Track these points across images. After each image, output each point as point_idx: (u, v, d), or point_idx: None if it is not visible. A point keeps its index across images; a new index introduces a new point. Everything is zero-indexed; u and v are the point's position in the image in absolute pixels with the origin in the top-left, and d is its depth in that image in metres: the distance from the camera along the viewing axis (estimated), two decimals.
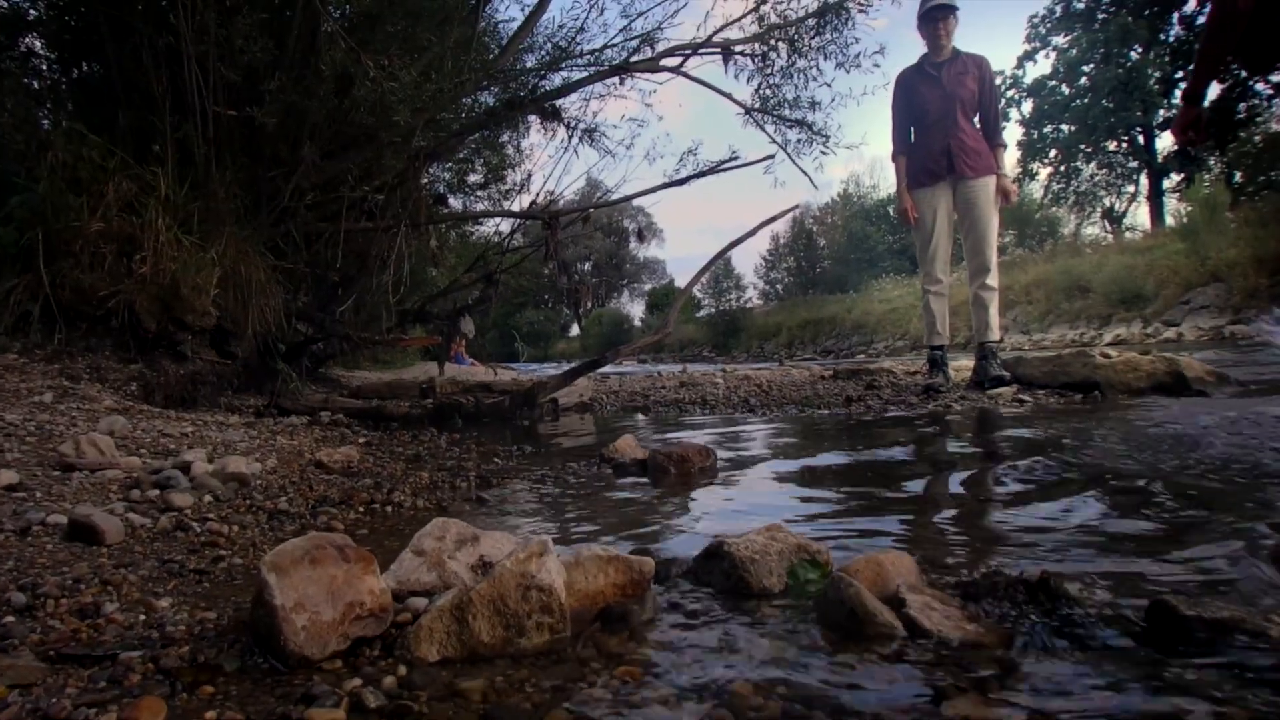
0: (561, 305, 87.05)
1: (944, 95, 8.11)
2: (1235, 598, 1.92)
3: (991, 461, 4.07)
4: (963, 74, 8.13)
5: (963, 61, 8.20)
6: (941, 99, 8.13)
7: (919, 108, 8.29)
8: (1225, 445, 4.02)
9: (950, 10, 8.07)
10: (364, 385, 8.95)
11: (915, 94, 8.31)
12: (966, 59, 8.22)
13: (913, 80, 8.35)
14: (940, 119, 8.15)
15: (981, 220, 7.97)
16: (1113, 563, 2.24)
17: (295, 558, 1.78)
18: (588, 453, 4.90)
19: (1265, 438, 4.14)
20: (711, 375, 12.31)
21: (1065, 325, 27.94)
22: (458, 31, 7.73)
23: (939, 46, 8.16)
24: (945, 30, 8.09)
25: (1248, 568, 2.12)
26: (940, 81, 8.14)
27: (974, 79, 8.15)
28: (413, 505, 3.44)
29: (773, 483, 3.75)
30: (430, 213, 8.83)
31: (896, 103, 8.51)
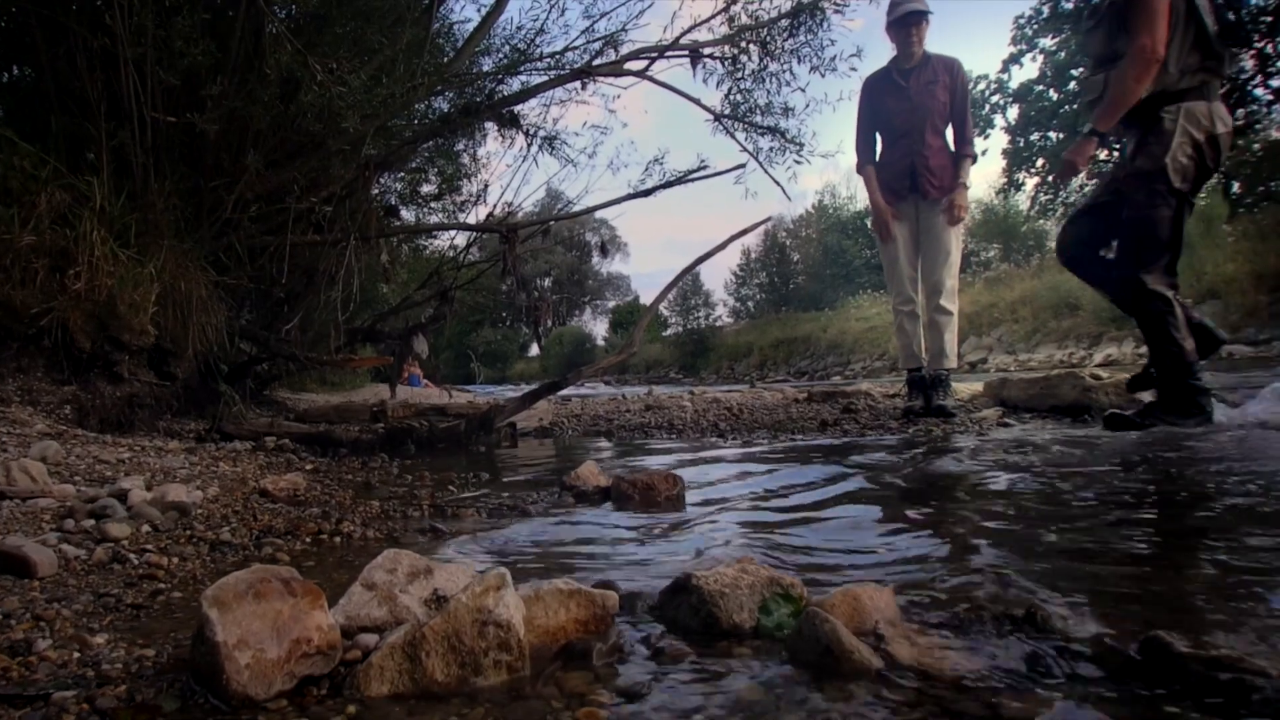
0: (520, 323, 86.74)
1: (911, 108, 8.19)
2: (1244, 632, 1.93)
3: (975, 488, 4.10)
4: (932, 83, 8.19)
5: (933, 68, 8.24)
6: (909, 112, 8.21)
7: (885, 119, 8.40)
8: (1222, 468, 4.06)
9: (922, 16, 8.11)
10: (311, 408, 8.92)
11: (881, 104, 8.40)
12: (937, 64, 8.26)
13: (880, 88, 8.44)
14: (906, 133, 8.25)
15: (940, 242, 8.11)
16: (1104, 594, 2.26)
17: (238, 592, 1.78)
18: (548, 480, 4.91)
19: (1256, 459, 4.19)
20: (679, 398, 12.33)
21: (1053, 345, 28.03)
22: (410, 33, 7.72)
23: (909, 53, 8.23)
24: (918, 36, 8.16)
25: (1244, 601, 2.14)
26: (908, 92, 8.22)
27: (944, 87, 8.21)
28: (362, 536, 3.44)
29: (744, 512, 3.76)
30: (381, 225, 8.83)
31: (862, 111, 8.60)
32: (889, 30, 8.35)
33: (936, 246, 8.16)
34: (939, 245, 8.14)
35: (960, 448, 5.75)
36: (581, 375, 8.18)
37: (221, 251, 7.58)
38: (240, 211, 7.43)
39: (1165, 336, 5.99)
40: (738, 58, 10.10)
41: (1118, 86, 5.72)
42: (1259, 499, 3.37)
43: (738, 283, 72.70)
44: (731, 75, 10.23)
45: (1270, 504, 3.26)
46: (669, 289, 8.49)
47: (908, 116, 8.24)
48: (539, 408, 8.47)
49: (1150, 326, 6.08)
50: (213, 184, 7.32)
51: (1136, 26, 5.63)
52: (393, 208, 10.32)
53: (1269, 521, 2.97)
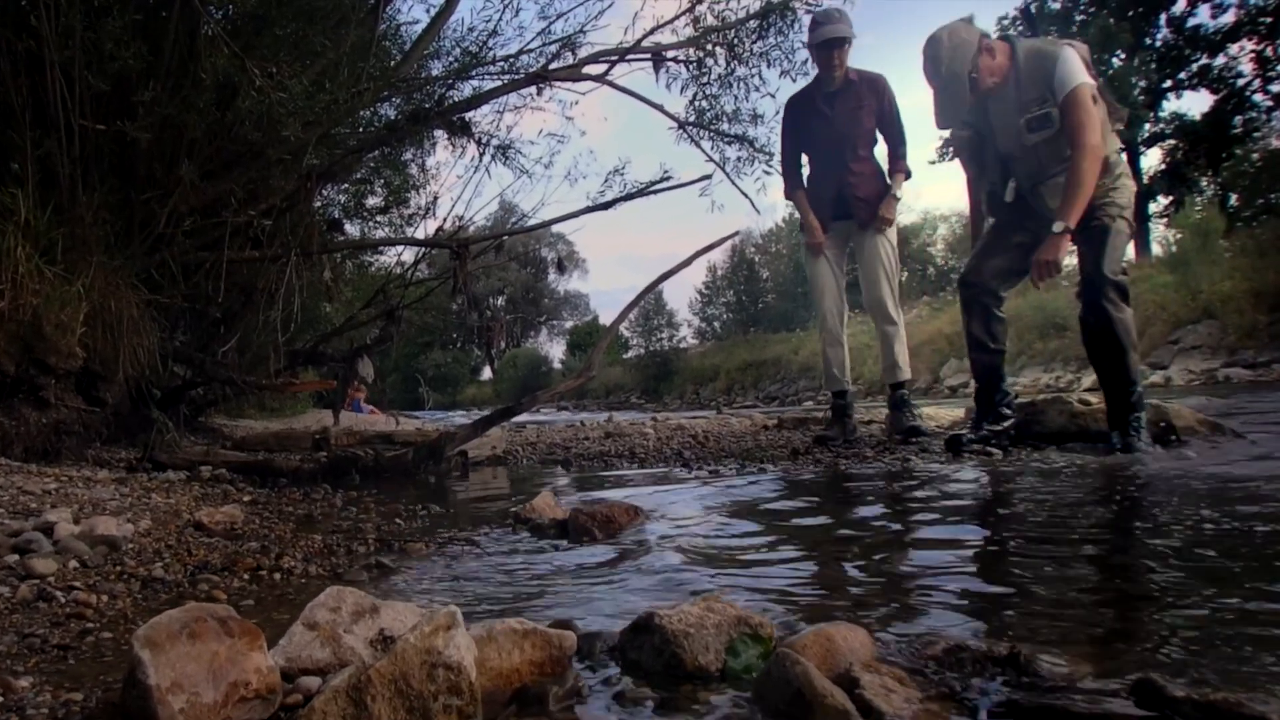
0: (471, 345, 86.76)
1: (835, 135, 8.25)
2: (1239, 673, 1.94)
3: (954, 521, 4.12)
4: (857, 108, 8.22)
5: (856, 92, 8.26)
6: (833, 138, 8.27)
7: (809, 143, 8.46)
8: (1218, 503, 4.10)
9: (844, 41, 8.12)
10: (249, 436, 8.89)
11: (805, 127, 8.45)
12: (861, 86, 8.27)
13: (803, 110, 8.47)
14: (832, 160, 8.32)
15: (874, 257, 8.20)
16: (1091, 632, 2.27)
17: (172, 632, 1.78)
18: (501, 512, 4.91)
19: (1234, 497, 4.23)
20: (640, 424, 12.33)
21: (1039, 368, 28.18)
22: (355, 35, 7.70)
23: (831, 77, 8.22)
24: (839, 60, 8.14)
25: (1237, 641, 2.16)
26: (832, 119, 8.25)
27: (871, 110, 8.26)
28: (304, 572, 3.43)
29: (710, 546, 3.76)
30: (324, 240, 8.80)
31: (786, 133, 8.62)
32: (810, 51, 8.40)
33: (871, 263, 8.21)
34: (873, 261, 8.20)
35: (938, 477, 5.77)
36: (537, 400, 8.20)
37: (154, 268, 7.53)
38: (174, 226, 7.39)
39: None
40: (703, 61, 10.10)
41: (1080, 184, 6.34)
42: (1244, 534, 3.40)
43: (703, 302, 72.84)
44: (696, 80, 10.22)
45: (1261, 541, 3.29)
46: (630, 308, 8.51)
47: (832, 143, 8.30)
48: (492, 435, 8.45)
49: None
50: (145, 196, 7.28)
51: (1082, 127, 6.39)
52: (336, 221, 10.29)
53: (1262, 558, 3.00)
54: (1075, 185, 6.34)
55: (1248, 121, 50.47)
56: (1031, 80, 6.67)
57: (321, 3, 7.74)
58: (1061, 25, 54.44)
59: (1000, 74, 6.74)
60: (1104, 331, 6.42)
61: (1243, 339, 24.28)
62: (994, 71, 6.71)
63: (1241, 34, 51.37)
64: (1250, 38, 51.04)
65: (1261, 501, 4.14)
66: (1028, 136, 6.72)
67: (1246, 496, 4.31)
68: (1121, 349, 6.44)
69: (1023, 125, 6.72)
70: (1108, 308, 6.37)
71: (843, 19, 8.13)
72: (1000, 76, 6.74)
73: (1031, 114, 6.65)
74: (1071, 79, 6.48)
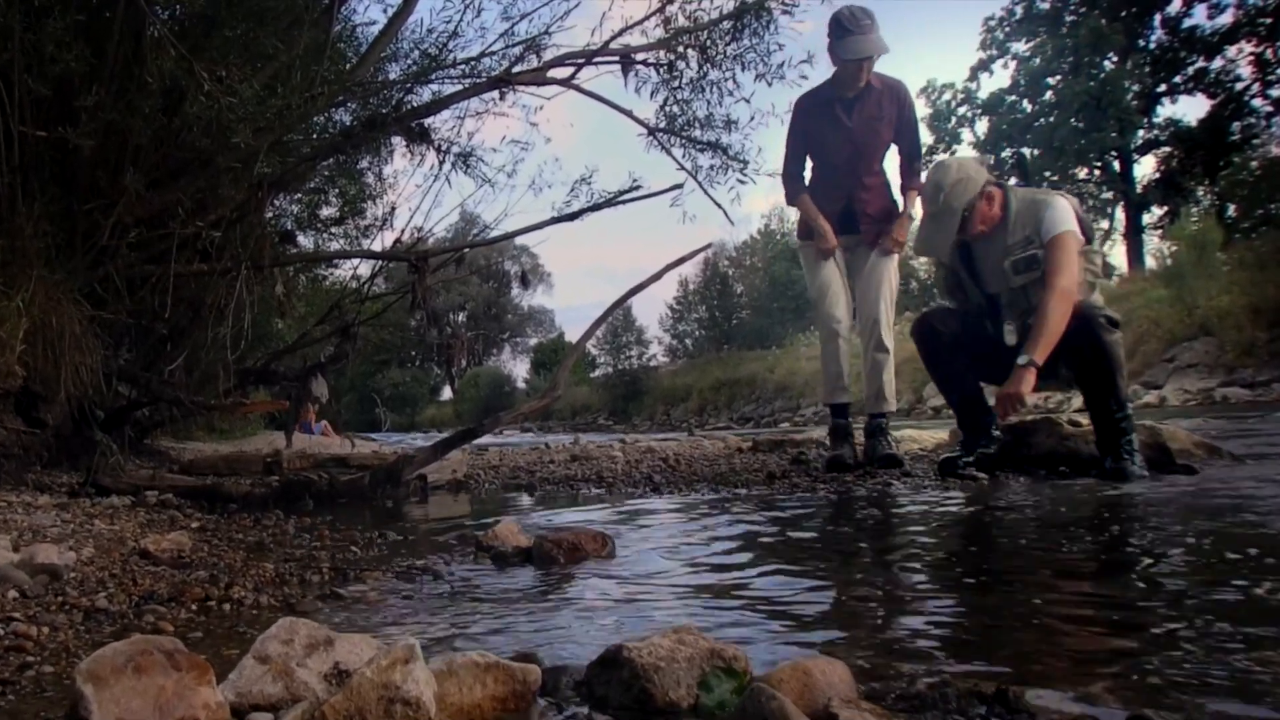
0: (431, 363, 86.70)
1: (852, 147, 8.17)
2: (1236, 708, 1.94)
3: (937, 549, 4.14)
4: (876, 119, 8.13)
5: (876, 98, 8.15)
6: (848, 150, 8.19)
7: (819, 149, 8.36)
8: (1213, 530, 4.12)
9: (874, 57, 7.97)
10: (198, 459, 8.85)
11: (817, 132, 8.32)
12: (882, 93, 8.16)
13: (816, 113, 8.33)
14: (844, 172, 8.24)
15: (875, 274, 8.11)
16: (1080, 666, 2.28)
17: (116, 666, 1.77)
18: (462, 540, 4.89)
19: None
20: (609, 447, 12.35)
21: None
22: (308, 36, 7.66)
23: (853, 86, 8.09)
24: (866, 71, 8.00)
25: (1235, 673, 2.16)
26: (850, 131, 8.14)
27: (889, 123, 8.18)
28: (255, 602, 3.41)
29: (681, 575, 3.77)
30: (276, 253, 8.77)
31: (794, 135, 8.48)
32: (833, 55, 8.09)
33: (873, 284, 8.10)
34: (876, 282, 8.09)
35: (920, 504, 5.79)
36: (500, 422, 8.18)
37: (98, 282, 7.50)
38: (119, 238, 7.37)
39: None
40: (674, 64, 10.00)
41: (1046, 323, 6.47)
42: (1241, 564, 3.42)
43: (674, 318, 72.95)
44: (667, 84, 10.13)
45: (1259, 571, 3.31)
46: (597, 324, 8.48)
47: (847, 154, 8.20)
48: (452, 459, 8.42)
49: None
50: (88, 206, 7.25)
51: (1058, 269, 6.62)
52: (289, 233, 10.26)
53: (1261, 589, 3.02)
54: (1043, 323, 6.49)
55: (1246, 128, 50.58)
56: (1021, 224, 6.91)
57: (273, 3, 7.72)
58: (1050, 26, 54.43)
59: (991, 225, 7.03)
60: (1092, 353, 6.47)
61: (1241, 357, 24.29)
62: (986, 220, 7.01)
63: (1240, 35, 51.51)
64: (1249, 39, 51.18)
65: (1259, 529, 4.16)
66: (1014, 279, 6.93)
67: (1244, 523, 4.34)
68: (1110, 372, 6.49)
69: (1009, 268, 6.94)
70: (1097, 329, 6.43)
71: (873, 25, 7.89)
72: (990, 227, 7.02)
73: (1017, 256, 6.89)
74: (1059, 225, 6.73)
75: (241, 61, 7.21)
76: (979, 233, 6.93)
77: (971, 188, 6.94)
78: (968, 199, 6.87)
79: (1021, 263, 6.84)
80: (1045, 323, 6.44)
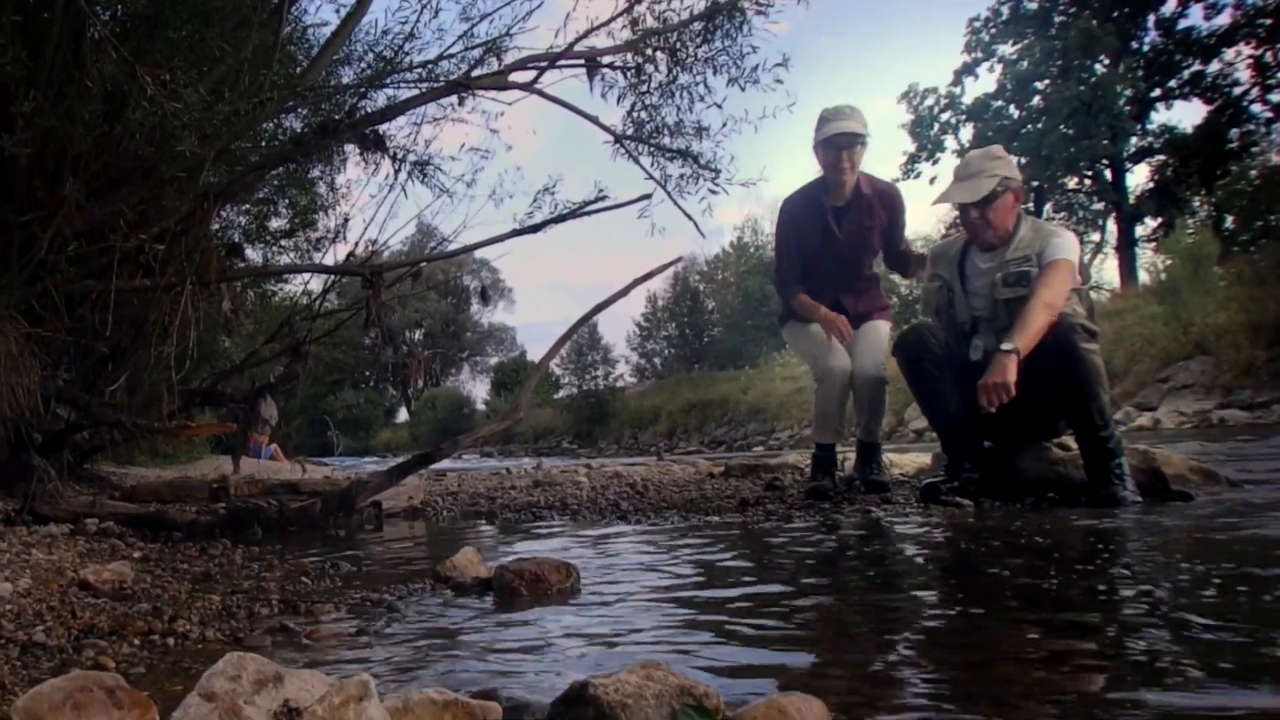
0: (386, 384, 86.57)
1: (839, 256, 8.25)
2: None
3: (919, 581, 4.15)
4: (868, 228, 8.22)
5: (867, 204, 8.21)
6: (838, 258, 8.26)
7: (808, 254, 8.40)
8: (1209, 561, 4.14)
9: (857, 139, 8.06)
10: (141, 485, 8.82)
11: (806, 236, 8.36)
12: (873, 199, 8.23)
13: (804, 218, 8.39)
14: (834, 278, 8.32)
15: (872, 343, 8.22)
16: (1071, 709, 2.29)
17: (55, 703, 1.77)
18: (419, 570, 4.90)
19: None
20: (573, 472, 12.35)
21: None
22: (257, 38, 7.60)
23: (839, 181, 8.15)
24: (849, 162, 8.07)
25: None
26: (840, 242, 8.23)
27: (879, 229, 8.29)
28: (201, 636, 3.41)
29: (649, 608, 3.78)
30: (223, 267, 8.72)
31: (786, 236, 8.56)
32: (816, 150, 8.22)
33: (868, 337, 8.21)
34: (872, 340, 8.22)
35: (902, 533, 5.82)
36: (459, 446, 8.17)
37: (35, 299, 7.46)
38: (57, 251, 7.32)
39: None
40: (642, 67, 9.92)
41: (1033, 322, 6.56)
42: (1238, 597, 3.44)
43: (642, 336, 72.93)
44: (635, 88, 10.04)
45: (1255, 607, 3.33)
46: (561, 343, 8.49)
47: (837, 263, 8.30)
48: (408, 484, 8.41)
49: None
50: (24, 218, 7.21)
51: (1047, 284, 6.74)
52: (236, 246, 10.21)
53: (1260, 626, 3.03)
54: (1025, 318, 6.59)
55: (1245, 135, 50.55)
56: (1025, 245, 7.03)
57: (220, 3, 7.68)
58: (1039, 27, 54.30)
59: (1002, 237, 7.14)
60: (1069, 362, 6.50)
61: (1239, 377, 24.22)
62: (1002, 226, 7.15)
63: (1238, 37, 51.43)
64: (1248, 41, 51.11)
65: (1258, 560, 4.19)
66: (1001, 290, 7.01)
67: (1242, 553, 4.37)
68: (1088, 381, 6.53)
69: (999, 279, 7.02)
70: (1074, 340, 6.46)
71: (855, 115, 8.04)
72: (1004, 234, 7.14)
73: (1011, 270, 6.97)
74: (1063, 252, 6.86)
75: (186, 65, 7.17)
76: (989, 240, 6.99)
77: (1016, 176, 7.12)
78: (1009, 177, 7.02)
79: (1013, 276, 6.92)
80: (1026, 318, 6.54)
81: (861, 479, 8.16)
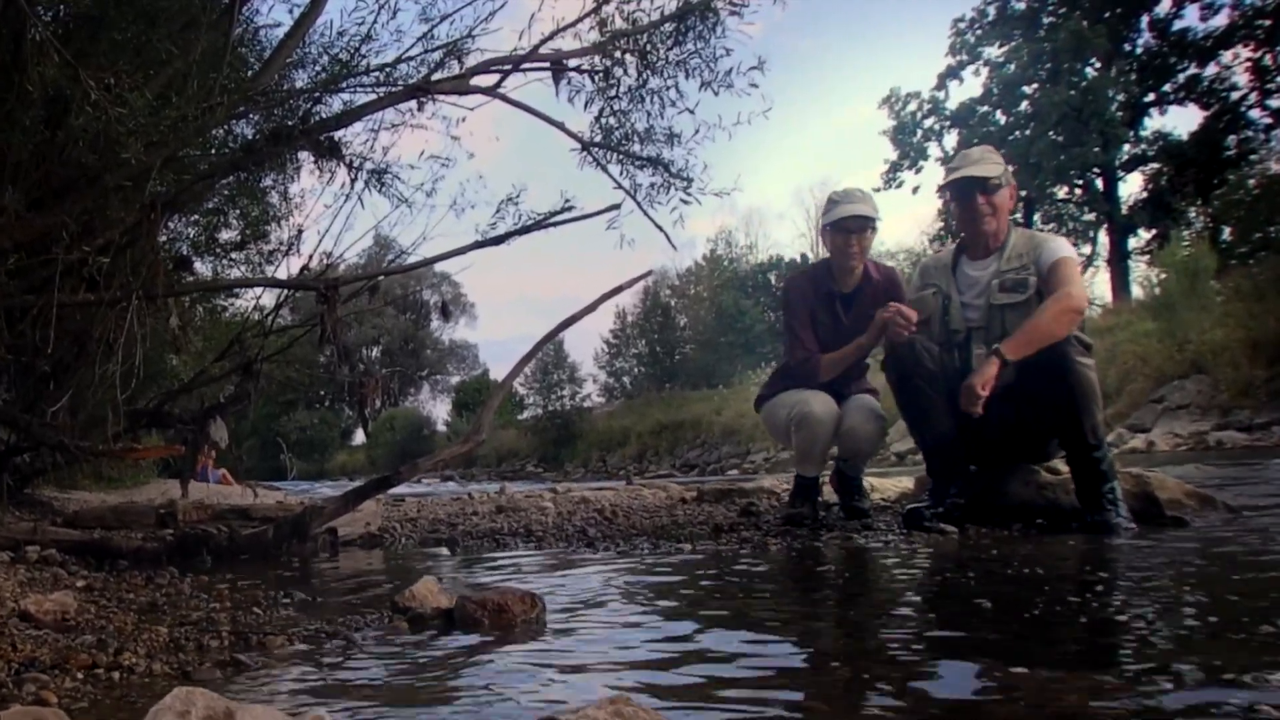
0: (342, 404, 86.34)
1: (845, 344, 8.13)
2: None
3: (903, 615, 4.17)
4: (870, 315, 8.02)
5: (872, 292, 8.18)
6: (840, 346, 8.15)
7: (817, 328, 8.31)
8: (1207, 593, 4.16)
9: (868, 223, 8.03)
10: (84, 510, 8.80)
11: (813, 317, 8.31)
12: (877, 286, 8.21)
13: (812, 297, 8.35)
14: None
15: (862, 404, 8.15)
16: None
17: None
18: (377, 600, 4.90)
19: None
20: (538, 497, 12.37)
21: None
22: (206, 39, 7.57)
23: (848, 267, 8.16)
24: (859, 247, 8.06)
25: None
26: (845, 324, 8.19)
27: None
28: (148, 670, 3.40)
29: (618, 639, 3.78)
30: (170, 281, 8.69)
31: (795, 313, 8.41)
32: (825, 233, 8.25)
33: (859, 398, 8.14)
34: (861, 398, 8.15)
35: (883, 562, 5.83)
36: (418, 469, 8.17)
37: None
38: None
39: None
40: (611, 71, 9.90)
41: (1043, 327, 6.56)
42: (1233, 622, 3.46)
43: (611, 353, 72.83)
44: (603, 93, 10.02)
45: (1247, 633, 3.35)
46: (525, 361, 8.49)
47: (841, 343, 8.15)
48: (365, 510, 8.40)
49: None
50: None
51: (1065, 280, 6.78)
52: (185, 259, 10.17)
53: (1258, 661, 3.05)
54: (1033, 322, 6.63)
55: (1243, 142, 50.56)
56: (1017, 253, 7.08)
57: (167, 2, 7.65)
58: (1027, 28, 54.18)
59: (999, 235, 7.24)
60: (1061, 377, 6.49)
61: (1237, 397, 24.12)
62: (994, 228, 7.24)
63: (1236, 39, 51.35)
64: (1246, 44, 51.04)
65: (1258, 591, 4.21)
66: (997, 295, 7.04)
67: (1240, 582, 4.40)
68: (1083, 398, 6.53)
69: (995, 285, 7.06)
70: (1068, 353, 6.46)
71: (866, 199, 8.06)
72: (1001, 231, 7.24)
73: (1007, 276, 7.02)
74: (1063, 251, 7.01)
75: (132, 68, 7.14)
76: (988, 232, 7.00)
77: (1001, 168, 7.21)
78: (1004, 172, 7.17)
79: (1010, 281, 6.96)
80: (1035, 322, 6.58)
81: (841, 505, 8.18)
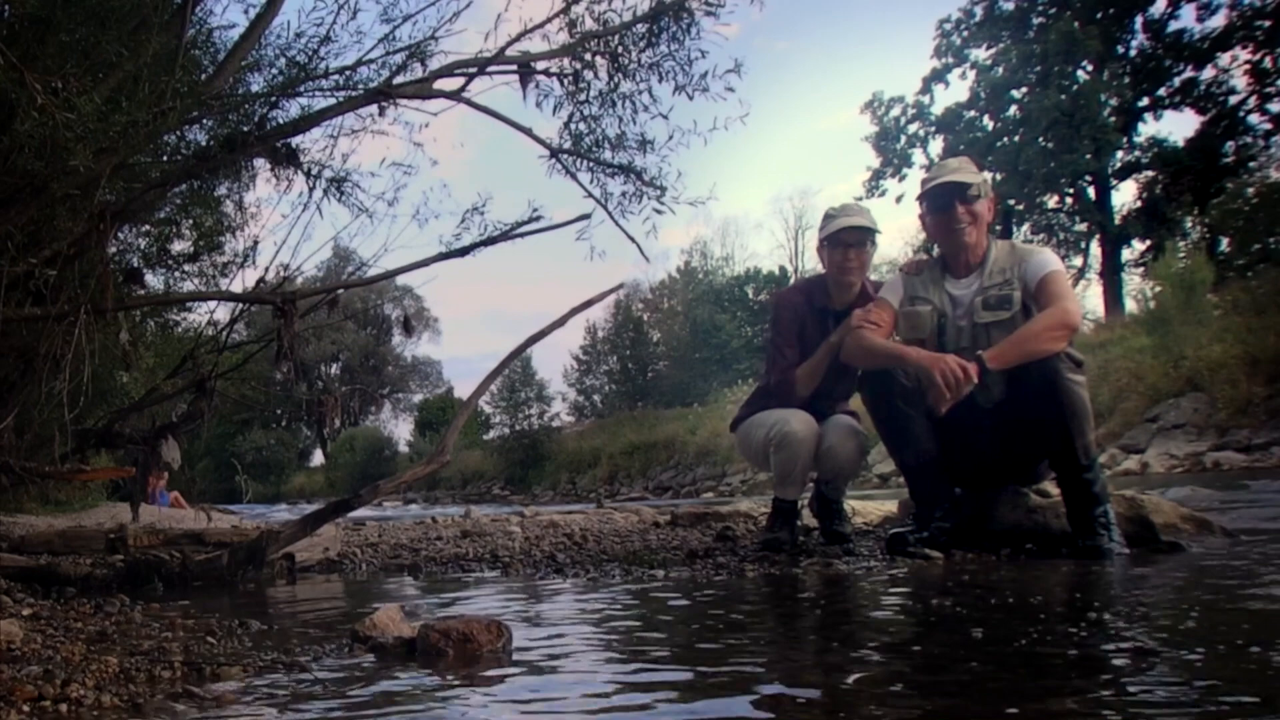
0: (300, 424, 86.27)
1: (835, 364, 8.08)
2: None
3: (886, 647, 4.18)
4: None
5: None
6: (832, 366, 8.11)
7: (803, 348, 8.28)
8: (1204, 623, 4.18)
9: (868, 235, 8.00)
10: (30, 535, 8.77)
11: (802, 334, 8.27)
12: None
13: (803, 316, 8.29)
14: (825, 384, 8.25)
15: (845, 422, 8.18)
16: None
17: None
18: (336, 629, 4.90)
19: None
20: (505, 521, 12.37)
21: None
22: (158, 41, 7.53)
23: (845, 283, 8.10)
24: (858, 261, 8.02)
25: None
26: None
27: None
28: (96, 702, 3.39)
29: (587, 671, 3.79)
30: (120, 294, 8.67)
31: (785, 326, 8.35)
32: (820, 248, 8.17)
33: (838, 418, 8.16)
34: (840, 418, 8.17)
35: (866, 589, 5.85)
36: (380, 491, 8.16)
37: None
38: None
39: None
40: (581, 74, 9.84)
41: (1032, 339, 6.54)
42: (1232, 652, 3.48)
43: (581, 370, 72.89)
44: (573, 98, 9.94)
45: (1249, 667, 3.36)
46: (491, 378, 8.50)
47: (831, 372, 8.14)
48: (324, 535, 8.40)
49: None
50: None
51: (1059, 295, 6.76)
52: (135, 271, 10.14)
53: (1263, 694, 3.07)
54: (1023, 331, 6.63)
55: (1241, 148, 50.52)
56: (1000, 268, 7.07)
57: (117, 2, 7.64)
58: (1015, 29, 54.13)
59: (979, 249, 7.22)
60: (1051, 394, 6.48)
61: (1235, 416, 24.03)
62: (975, 240, 7.21)
63: (1234, 41, 51.27)
64: (1244, 46, 51.00)
65: (1253, 622, 4.23)
66: (981, 314, 7.02)
67: (1238, 610, 4.41)
68: (1073, 416, 6.51)
69: (979, 303, 7.05)
70: (1059, 368, 6.45)
71: (863, 212, 8.04)
72: (978, 249, 7.22)
73: (990, 294, 7.01)
74: (1051, 265, 6.94)
75: (80, 71, 7.12)
76: (967, 243, 6.99)
77: (987, 185, 7.23)
78: (984, 183, 7.17)
79: (994, 299, 6.94)
80: (1024, 332, 6.58)
81: (821, 530, 8.19)
